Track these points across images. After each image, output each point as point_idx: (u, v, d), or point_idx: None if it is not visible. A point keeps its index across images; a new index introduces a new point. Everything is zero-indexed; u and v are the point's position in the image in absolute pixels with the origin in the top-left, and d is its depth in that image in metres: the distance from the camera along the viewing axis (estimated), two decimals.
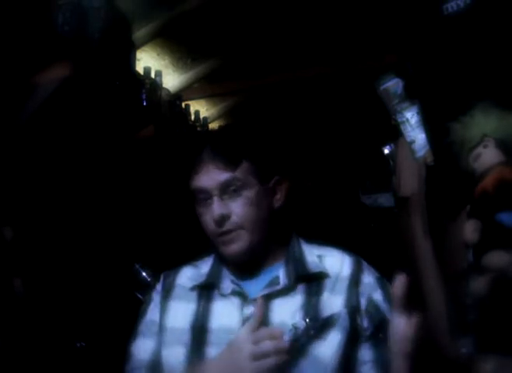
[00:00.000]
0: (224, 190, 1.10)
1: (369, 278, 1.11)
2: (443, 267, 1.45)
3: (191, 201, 1.15)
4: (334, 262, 1.13)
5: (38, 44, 1.49)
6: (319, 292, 1.08)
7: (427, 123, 1.44)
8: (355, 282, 1.10)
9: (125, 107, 1.96)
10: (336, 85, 2.88)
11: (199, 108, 2.84)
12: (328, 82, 2.82)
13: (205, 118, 2.86)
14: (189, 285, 1.15)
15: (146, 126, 2.14)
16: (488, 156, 1.05)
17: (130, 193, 2.15)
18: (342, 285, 1.09)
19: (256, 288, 1.10)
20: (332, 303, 1.07)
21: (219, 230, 1.10)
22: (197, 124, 2.72)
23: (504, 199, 0.98)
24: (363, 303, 1.07)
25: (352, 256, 1.15)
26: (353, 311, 1.06)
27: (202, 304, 1.12)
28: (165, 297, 1.16)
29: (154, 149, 2.20)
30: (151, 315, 1.16)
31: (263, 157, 1.15)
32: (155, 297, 1.18)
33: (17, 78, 1.47)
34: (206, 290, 1.14)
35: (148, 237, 2.17)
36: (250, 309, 1.06)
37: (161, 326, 1.13)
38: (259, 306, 1.02)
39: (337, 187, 3.62)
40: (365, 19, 2.31)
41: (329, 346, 1.03)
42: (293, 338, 1.01)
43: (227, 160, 1.10)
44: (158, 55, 2.37)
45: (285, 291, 1.09)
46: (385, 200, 3.11)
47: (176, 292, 1.16)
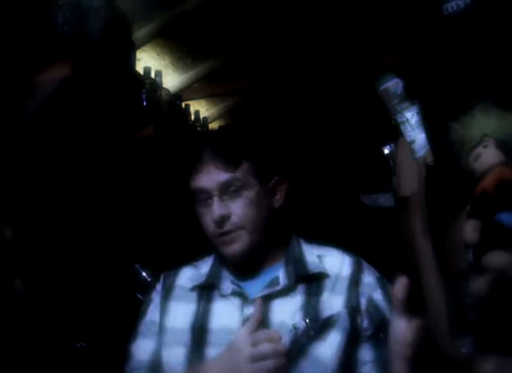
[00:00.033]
0: (224, 191, 1.10)
1: (369, 278, 1.11)
2: (443, 267, 1.44)
3: (191, 201, 1.15)
4: (334, 262, 1.13)
5: (38, 44, 1.49)
6: (319, 292, 1.08)
7: (427, 123, 1.44)
8: (355, 282, 1.10)
9: (125, 107, 1.96)
10: (336, 85, 2.88)
11: (199, 108, 2.84)
12: (328, 82, 2.82)
13: (205, 118, 2.86)
14: (189, 285, 1.15)
15: (146, 126, 2.14)
16: (488, 156, 1.05)
17: (130, 193, 2.15)
18: (342, 285, 1.09)
19: (256, 289, 1.10)
20: (332, 303, 1.07)
21: (219, 230, 1.10)
22: (197, 124, 2.72)
23: (504, 199, 0.98)
24: (364, 303, 1.07)
25: (352, 256, 1.15)
26: (353, 311, 1.06)
27: (202, 304, 1.12)
28: (165, 297, 1.16)
29: (154, 149, 2.20)
30: (151, 316, 1.16)
31: (263, 157, 1.15)
32: (155, 297, 1.18)
33: (17, 78, 1.47)
34: (206, 290, 1.14)
35: (148, 237, 2.17)
36: (250, 310, 1.06)
37: (161, 327, 1.13)
38: (258, 307, 1.02)
39: (337, 187, 3.62)
40: (365, 19, 2.31)
41: (329, 346, 1.03)
42: (293, 338, 1.01)
43: (227, 160, 1.10)
44: (158, 55, 2.37)
45: (285, 292, 1.08)
46: (385, 200, 3.11)
47: (176, 293, 1.16)
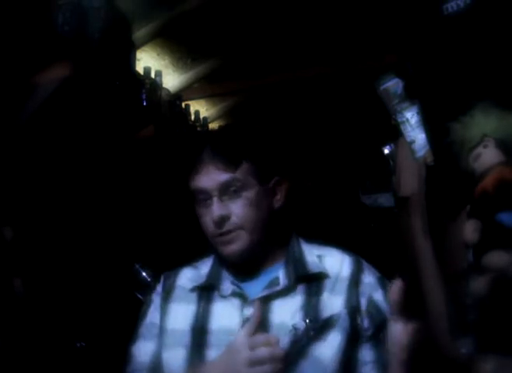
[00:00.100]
0: (224, 191, 1.10)
1: (369, 278, 1.11)
2: (443, 267, 1.44)
3: (191, 201, 1.15)
4: (334, 262, 1.13)
5: (38, 44, 1.49)
6: (319, 292, 1.08)
7: (427, 123, 1.44)
8: (355, 282, 1.10)
9: (125, 107, 1.96)
10: (336, 85, 2.88)
11: (199, 108, 2.84)
12: (328, 82, 2.81)
13: (205, 118, 2.86)
14: (189, 286, 1.15)
15: (146, 126, 2.14)
16: (488, 156, 1.05)
17: (130, 194, 2.15)
18: (342, 285, 1.09)
19: (256, 289, 1.10)
20: (332, 303, 1.07)
21: (219, 231, 1.10)
22: (197, 124, 2.72)
23: (504, 199, 0.98)
24: (364, 303, 1.07)
25: (352, 256, 1.15)
26: (353, 311, 1.06)
27: (202, 305, 1.12)
28: (165, 298, 1.16)
29: (154, 149, 2.20)
30: (151, 317, 1.16)
31: (263, 157, 1.15)
32: (155, 299, 1.18)
33: (17, 78, 1.47)
34: (206, 291, 1.14)
35: (148, 237, 2.17)
36: (250, 310, 1.06)
37: (161, 328, 1.13)
38: (257, 309, 1.02)
39: (337, 187, 3.62)
40: (365, 19, 2.31)
41: (329, 346, 1.03)
42: (293, 339, 1.01)
43: (227, 161, 1.10)
44: (158, 55, 2.37)
45: (285, 292, 1.08)
46: (385, 200, 3.11)
47: (176, 294, 1.16)
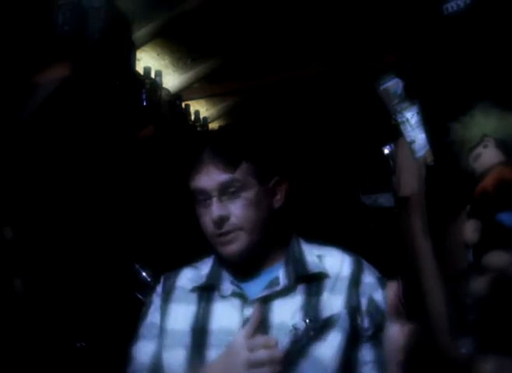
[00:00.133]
0: (223, 191, 1.10)
1: (369, 278, 1.11)
2: (443, 267, 1.44)
3: (191, 201, 1.15)
4: (334, 262, 1.13)
5: (38, 44, 1.49)
6: (319, 292, 1.08)
7: (427, 123, 1.44)
8: (355, 282, 1.10)
9: (125, 107, 1.96)
10: (336, 85, 2.88)
11: (199, 108, 2.84)
12: (328, 82, 2.81)
13: (205, 118, 2.86)
14: (189, 287, 1.15)
15: (146, 126, 2.14)
16: (488, 156, 1.05)
17: (130, 194, 2.15)
18: (342, 285, 1.09)
19: (256, 289, 1.10)
20: (332, 303, 1.07)
21: (218, 231, 1.10)
22: (197, 124, 2.72)
23: (504, 199, 0.98)
24: (364, 303, 1.07)
25: (353, 256, 1.15)
26: (354, 311, 1.06)
27: (202, 305, 1.12)
28: (165, 299, 1.16)
29: (154, 149, 2.20)
30: (151, 318, 1.16)
31: (263, 157, 1.15)
32: (155, 299, 1.18)
33: (17, 78, 1.47)
34: (206, 291, 1.14)
35: (148, 237, 2.17)
36: (250, 310, 1.06)
37: (162, 329, 1.13)
38: (256, 311, 1.01)
39: (337, 187, 3.62)
40: (365, 19, 2.31)
41: (329, 346, 1.03)
42: (293, 339, 1.01)
43: (227, 161, 1.10)
44: (158, 55, 2.37)
45: (285, 292, 1.08)
46: (385, 200, 3.11)
47: (176, 294, 1.16)
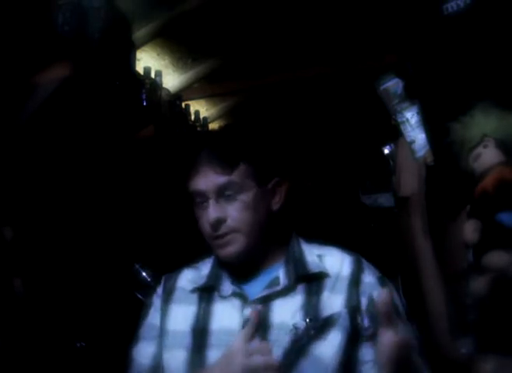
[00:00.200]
0: (220, 193, 1.09)
1: (369, 277, 1.11)
2: (443, 267, 1.44)
3: (191, 202, 1.15)
4: (334, 261, 1.13)
5: (38, 44, 1.49)
6: (319, 292, 1.08)
7: (427, 123, 1.44)
8: (355, 281, 1.10)
9: (125, 107, 1.96)
10: (336, 85, 2.88)
11: (199, 108, 2.84)
12: (328, 82, 2.81)
13: (205, 118, 2.86)
14: (189, 287, 1.15)
15: (146, 126, 2.14)
16: (488, 156, 1.05)
17: (130, 194, 2.15)
18: (342, 284, 1.09)
19: (256, 289, 1.10)
20: (332, 303, 1.07)
21: (215, 233, 1.10)
22: (197, 124, 2.72)
23: (504, 199, 0.98)
24: (364, 302, 1.07)
25: (353, 255, 1.15)
26: (354, 310, 1.06)
27: (203, 306, 1.12)
28: (166, 300, 1.16)
29: (154, 149, 2.20)
30: (151, 319, 1.16)
31: (261, 159, 1.14)
32: (155, 300, 1.18)
33: (17, 78, 1.47)
34: (207, 292, 1.13)
35: (148, 237, 2.17)
36: (250, 310, 1.05)
37: (162, 330, 1.13)
38: (254, 315, 0.99)
39: (337, 187, 3.62)
40: (365, 19, 2.31)
41: (330, 346, 1.02)
42: (294, 338, 1.01)
43: (224, 163, 1.09)
44: (158, 55, 2.37)
45: (285, 292, 1.08)
46: (385, 200, 3.11)
47: (176, 295, 1.16)
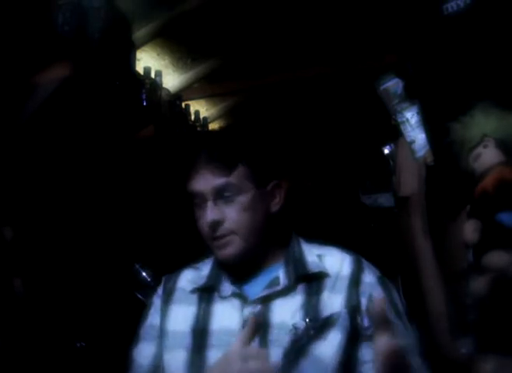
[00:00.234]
0: (218, 195, 1.09)
1: (369, 277, 1.11)
2: (443, 267, 1.45)
3: (191, 202, 1.15)
4: (334, 261, 1.13)
5: (38, 44, 1.49)
6: (319, 292, 1.08)
7: (427, 123, 1.44)
8: (355, 281, 1.09)
9: (125, 107, 1.96)
10: (336, 85, 2.88)
11: (199, 108, 2.84)
12: (328, 82, 2.81)
13: (205, 118, 2.86)
14: (189, 288, 1.15)
15: (146, 126, 2.14)
16: (488, 156, 1.05)
17: (130, 194, 2.15)
18: (342, 284, 1.09)
19: (256, 289, 1.10)
20: (332, 302, 1.07)
21: (213, 234, 1.10)
22: (197, 124, 2.72)
23: (504, 199, 0.98)
24: (364, 302, 1.07)
25: (353, 255, 1.15)
26: (354, 310, 1.06)
27: (203, 306, 1.12)
28: (166, 301, 1.16)
29: (154, 149, 2.20)
30: (151, 320, 1.16)
31: (260, 161, 1.13)
32: (155, 301, 1.18)
33: (17, 78, 1.47)
34: (206, 292, 1.13)
35: (148, 237, 2.17)
36: (250, 310, 1.06)
37: (162, 330, 1.13)
38: (252, 321, 0.97)
39: (337, 187, 3.62)
40: (365, 19, 2.31)
41: (329, 345, 1.02)
42: (294, 338, 1.01)
43: (222, 165, 1.09)
44: (158, 55, 2.37)
45: (285, 292, 1.08)
46: (385, 200, 3.10)
47: (176, 296, 1.16)
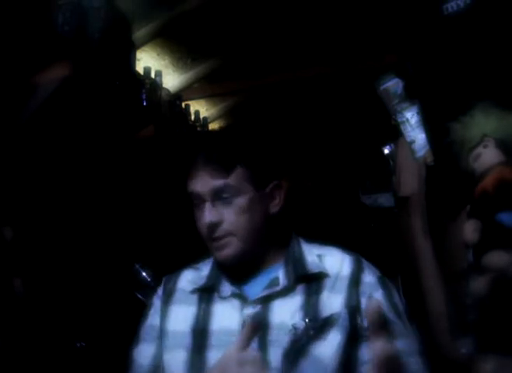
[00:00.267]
0: (217, 196, 1.09)
1: (369, 277, 1.11)
2: (443, 267, 1.45)
3: (191, 202, 1.15)
4: (334, 261, 1.13)
5: (38, 44, 1.49)
6: (319, 292, 1.08)
7: (427, 123, 1.44)
8: (355, 281, 1.09)
9: (125, 107, 1.96)
10: (336, 85, 2.88)
11: (199, 108, 2.84)
12: (328, 82, 2.81)
13: (205, 118, 2.86)
14: (189, 288, 1.15)
15: (146, 126, 2.14)
16: (488, 156, 1.05)
17: (130, 194, 2.15)
18: (342, 284, 1.09)
19: (256, 289, 1.10)
20: (332, 303, 1.07)
21: (211, 235, 1.10)
22: (197, 124, 2.72)
23: (504, 199, 0.98)
24: (364, 302, 1.07)
25: (353, 255, 1.15)
26: (353, 310, 1.06)
27: (203, 307, 1.12)
28: (166, 301, 1.16)
29: (154, 149, 2.20)
30: (151, 321, 1.16)
31: (259, 162, 1.13)
32: (155, 302, 1.18)
33: (17, 78, 1.47)
34: (206, 293, 1.14)
35: (148, 237, 2.17)
36: (250, 311, 1.06)
37: (162, 331, 1.13)
38: (249, 328, 0.93)
39: (337, 187, 3.62)
40: (365, 19, 2.31)
41: (329, 346, 1.02)
42: (293, 338, 1.01)
43: (220, 166, 1.09)
44: (158, 55, 2.37)
45: (284, 292, 1.08)
46: (385, 200, 3.11)
47: (176, 296, 1.16)
